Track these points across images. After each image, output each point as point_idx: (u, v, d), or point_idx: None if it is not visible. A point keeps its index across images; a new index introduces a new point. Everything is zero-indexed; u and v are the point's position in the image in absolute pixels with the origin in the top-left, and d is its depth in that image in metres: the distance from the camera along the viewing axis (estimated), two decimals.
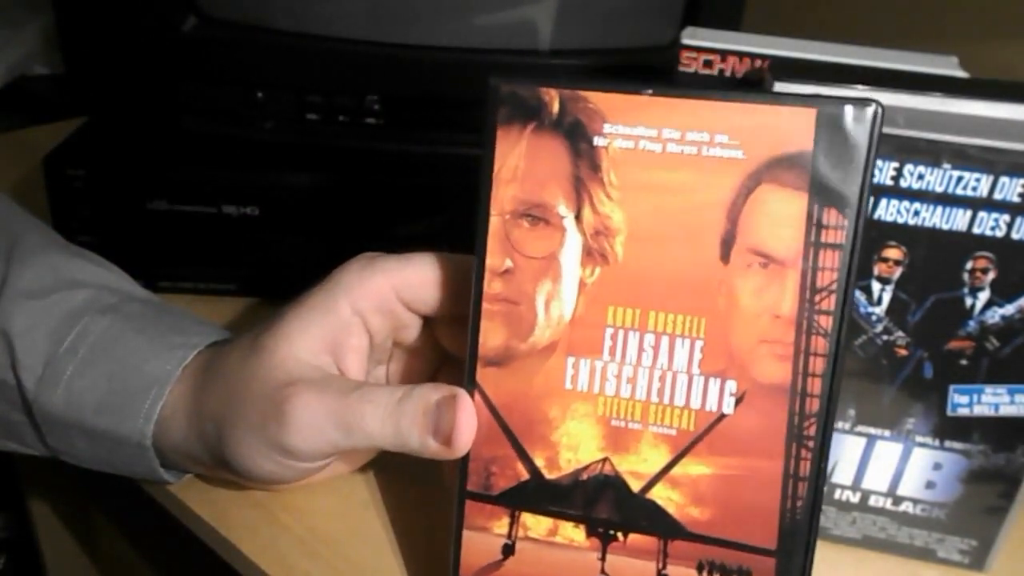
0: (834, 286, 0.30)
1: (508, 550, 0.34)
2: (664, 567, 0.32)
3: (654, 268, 0.31)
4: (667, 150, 0.30)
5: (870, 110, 0.29)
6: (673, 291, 0.31)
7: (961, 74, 0.42)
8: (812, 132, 0.29)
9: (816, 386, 0.30)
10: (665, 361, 0.32)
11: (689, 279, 0.31)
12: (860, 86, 0.37)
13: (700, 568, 0.32)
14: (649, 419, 0.32)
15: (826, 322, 0.30)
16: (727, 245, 0.30)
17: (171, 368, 0.38)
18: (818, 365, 0.30)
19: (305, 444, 0.35)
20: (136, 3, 0.55)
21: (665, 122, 0.30)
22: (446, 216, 0.55)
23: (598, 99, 0.31)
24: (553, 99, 0.31)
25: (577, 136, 0.31)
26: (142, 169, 0.54)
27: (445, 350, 0.40)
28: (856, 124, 0.29)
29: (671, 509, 0.32)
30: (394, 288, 0.37)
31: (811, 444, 0.31)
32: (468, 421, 0.33)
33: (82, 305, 0.40)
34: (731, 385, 0.31)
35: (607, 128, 0.31)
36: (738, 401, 0.31)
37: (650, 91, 0.30)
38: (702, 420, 0.31)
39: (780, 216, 0.30)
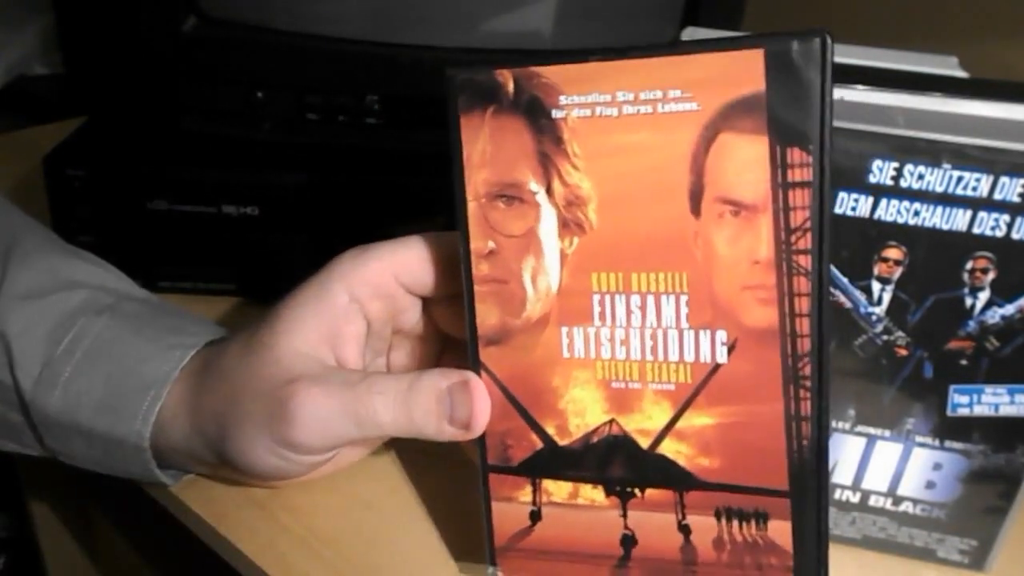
0: (808, 224, 0.30)
1: (535, 516, 0.35)
2: (684, 517, 0.33)
3: (629, 230, 0.32)
4: (623, 112, 0.31)
5: (817, 41, 0.29)
6: (651, 250, 0.32)
7: (961, 74, 0.42)
8: (763, 73, 0.29)
9: (805, 326, 0.31)
10: (654, 319, 0.32)
11: (664, 236, 0.31)
12: (860, 86, 0.37)
13: (718, 515, 0.33)
14: (647, 377, 0.33)
15: (805, 261, 0.30)
16: (696, 198, 0.31)
17: (169, 369, 0.38)
18: (804, 305, 0.30)
19: (313, 439, 0.35)
20: (136, 3, 0.55)
21: (617, 86, 0.31)
22: (446, 216, 0.55)
23: (551, 73, 0.31)
24: (508, 80, 0.32)
25: (536, 112, 0.32)
26: (142, 169, 0.54)
27: (445, 336, 0.40)
28: (805, 59, 0.29)
29: (681, 461, 0.33)
30: (392, 271, 0.37)
31: (808, 383, 0.31)
32: (483, 404, 0.34)
33: (79, 306, 0.40)
34: (721, 335, 0.32)
35: (563, 100, 0.31)
36: (730, 349, 0.32)
37: (596, 57, 0.31)
38: (698, 372, 0.32)
39: (743, 162, 0.30)
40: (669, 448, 0.33)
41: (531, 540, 0.35)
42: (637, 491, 0.34)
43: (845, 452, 0.40)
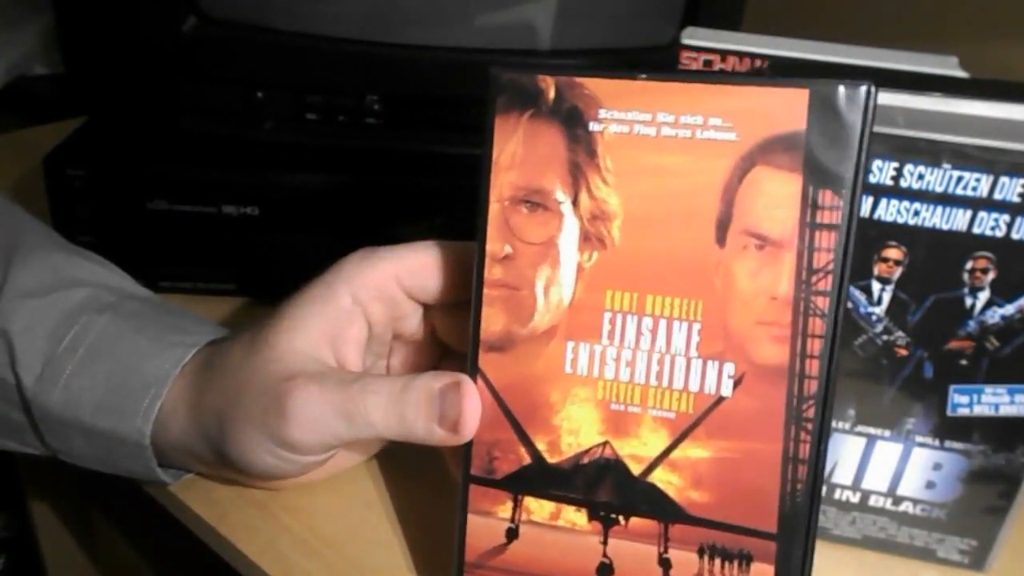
0: (831, 267, 0.30)
1: (512, 534, 0.34)
2: (665, 551, 0.33)
3: (651, 251, 0.31)
4: (661, 134, 0.31)
5: (863, 90, 0.29)
6: (670, 274, 0.31)
7: (961, 74, 0.42)
8: (805, 113, 0.29)
9: (814, 368, 0.30)
10: (663, 344, 0.32)
11: (686, 262, 0.31)
12: None
13: (701, 552, 0.32)
14: (648, 402, 0.32)
15: (823, 303, 0.30)
16: (723, 227, 0.31)
17: (169, 367, 0.38)
18: (816, 346, 0.30)
19: (307, 437, 0.35)
20: (136, 3, 0.55)
21: (659, 106, 0.30)
22: (446, 216, 0.55)
23: (593, 85, 0.31)
24: (550, 86, 0.31)
25: (573, 122, 0.31)
26: (142, 169, 0.54)
27: (444, 344, 0.40)
28: (849, 104, 0.29)
29: (671, 492, 0.32)
30: (395, 276, 0.37)
31: (810, 426, 0.31)
32: (473, 407, 0.34)
33: (81, 304, 0.40)
34: (729, 367, 0.31)
35: (602, 113, 0.31)
36: (736, 383, 0.31)
37: (644, 76, 0.31)
38: (701, 403, 0.32)
39: (775, 197, 0.30)
40: (660, 477, 0.32)
41: (503, 559, 0.34)
42: (621, 518, 0.33)
43: (845, 452, 0.40)
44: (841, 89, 0.29)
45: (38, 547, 0.81)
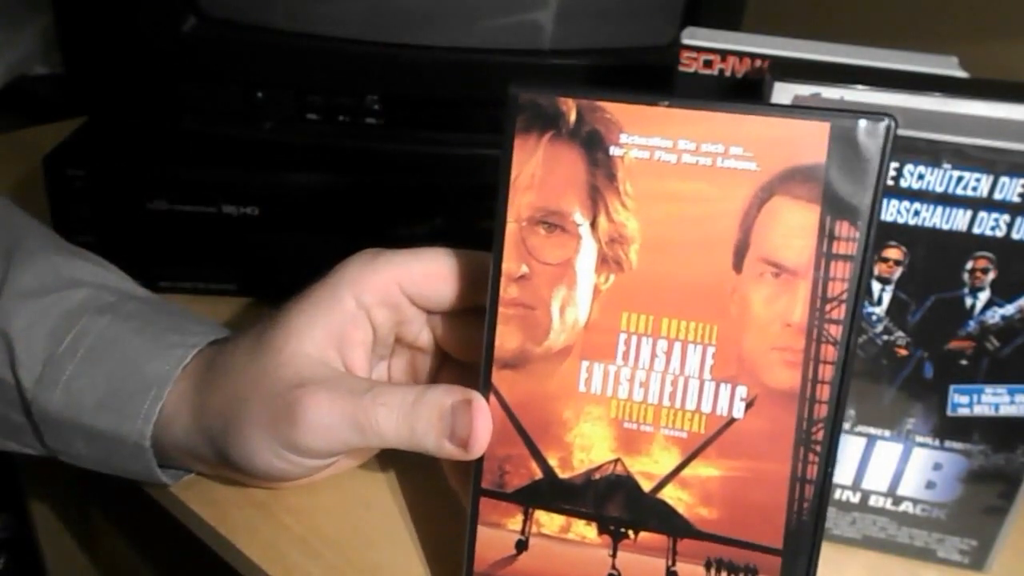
0: (844, 296, 0.30)
1: (521, 546, 0.35)
2: (673, 564, 0.33)
3: (668, 276, 0.32)
4: (682, 161, 0.31)
5: (883, 124, 0.29)
6: (686, 298, 0.32)
7: (961, 74, 0.42)
8: (825, 145, 0.30)
9: (825, 392, 0.31)
10: (677, 366, 0.32)
11: (702, 287, 0.31)
12: (860, 86, 0.37)
13: (708, 566, 0.33)
14: (661, 422, 0.33)
15: (836, 331, 0.30)
16: (740, 254, 0.31)
17: (170, 369, 0.38)
18: (827, 372, 0.31)
19: (318, 443, 0.35)
20: (136, 3, 0.55)
21: (681, 133, 0.31)
22: (446, 216, 0.55)
23: (615, 109, 0.31)
24: (571, 108, 0.31)
25: (594, 145, 0.32)
26: (142, 169, 0.54)
27: (445, 351, 0.40)
28: (869, 138, 0.29)
29: (681, 509, 0.33)
30: (399, 281, 0.37)
31: (819, 448, 0.31)
32: (484, 425, 0.34)
33: (81, 304, 0.40)
34: (742, 390, 0.32)
35: (623, 138, 0.31)
36: (748, 406, 0.32)
37: (667, 103, 0.31)
38: (712, 424, 0.32)
39: (793, 227, 0.30)
40: (670, 494, 0.33)
41: (512, 569, 0.35)
42: (630, 533, 0.33)
43: (845, 452, 0.40)
44: (862, 123, 0.29)
45: (38, 547, 0.81)
